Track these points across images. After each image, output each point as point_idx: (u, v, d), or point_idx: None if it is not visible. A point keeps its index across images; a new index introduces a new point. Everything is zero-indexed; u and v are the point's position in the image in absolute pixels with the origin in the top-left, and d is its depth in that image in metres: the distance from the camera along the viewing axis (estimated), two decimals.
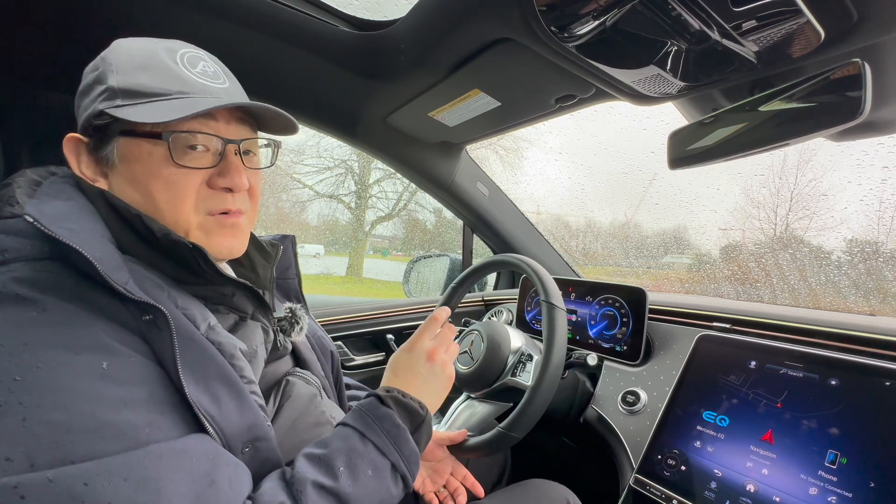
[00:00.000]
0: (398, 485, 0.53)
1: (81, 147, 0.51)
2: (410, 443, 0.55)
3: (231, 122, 0.53)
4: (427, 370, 0.64)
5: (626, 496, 0.77)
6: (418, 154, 1.33)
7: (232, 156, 0.52)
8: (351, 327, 1.36)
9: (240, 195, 0.54)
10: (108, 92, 0.48)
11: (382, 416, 0.54)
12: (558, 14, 0.65)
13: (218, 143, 0.51)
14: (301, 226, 6.55)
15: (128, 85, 0.48)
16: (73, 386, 0.37)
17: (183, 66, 0.51)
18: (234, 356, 0.50)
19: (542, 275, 0.86)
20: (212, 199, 0.52)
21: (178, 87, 0.49)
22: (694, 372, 0.82)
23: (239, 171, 0.53)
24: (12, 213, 0.46)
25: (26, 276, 0.41)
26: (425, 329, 0.69)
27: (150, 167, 0.49)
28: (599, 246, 3.51)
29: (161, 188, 0.49)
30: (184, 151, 0.49)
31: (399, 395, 0.58)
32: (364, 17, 0.94)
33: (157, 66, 0.50)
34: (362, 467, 0.50)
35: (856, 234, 1.65)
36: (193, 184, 0.50)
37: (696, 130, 0.80)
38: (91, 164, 0.51)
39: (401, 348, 0.68)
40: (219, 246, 0.53)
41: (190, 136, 0.49)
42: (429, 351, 0.66)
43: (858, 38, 0.59)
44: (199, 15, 0.86)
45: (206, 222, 0.52)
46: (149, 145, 0.49)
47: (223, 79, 0.54)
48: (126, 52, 0.50)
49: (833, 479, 0.60)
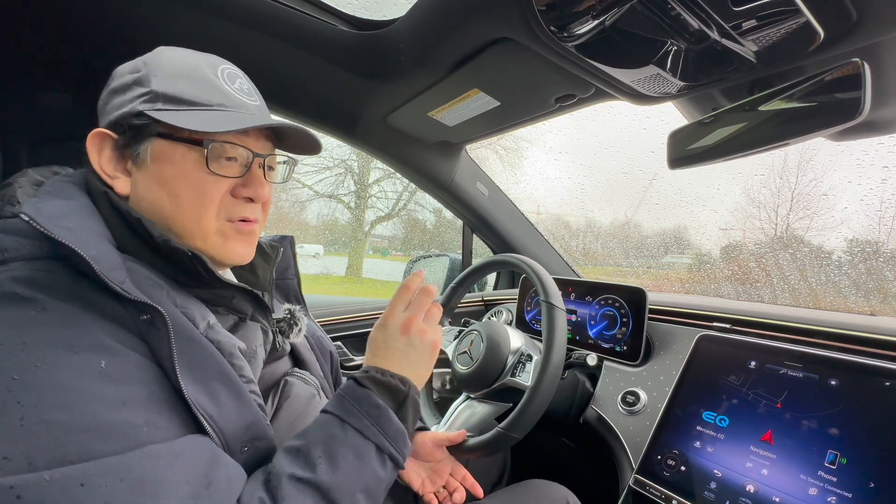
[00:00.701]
0: (386, 466, 0.51)
1: (107, 143, 0.52)
2: (394, 421, 0.53)
3: (260, 138, 0.56)
4: (404, 343, 0.60)
5: (626, 496, 0.77)
6: (418, 154, 1.33)
7: (256, 169, 0.55)
8: (351, 327, 1.36)
9: (257, 206, 0.57)
10: (150, 94, 0.50)
11: (361, 398, 0.53)
12: (558, 14, 0.65)
13: (247, 156, 0.54)
14: (300, 225, 6.55)
15: (171, 91, 0.50)
16: (71, 385, 0.37)
17: (223, 81, 0.54)
18: (234, 355, 0.50)
19: (542, 275, 0.86)
20: (233, 207, 0.54)
21: (218, 99, 0.52)
22: (694, 372, 0.82)
23: (262, 184, 0.55)
24: (12, 212, 0.47)
25: (25, 275, 0.41)
26: (396, 301, 0.64)
27: (182, 170, 0.51)
28: (599, 246, 3.51)
29: (189, 190, 0.51)
30: (217, 160, 0.52)
31: (377, 374, 0.56)
32: (363, 17, 0.94)
33: (199, 77, 0.52)
34: (342, 453, 0.49)
35: (856, 234, 1.65)
36: (220, 191, 0.52)
37: (695, 130, 0.80)
38: (113, 160, 0.52)
39: (375, 325, 0.64)
40: (233, 252, 0.55)
41: (227, 147, 0.52)
42: (403, 323, 0.61)
43: (858, 38, 0.59)
44: (199, 15, 0.86)
45: (225, 228, 0.54)
46: (184, 149, 0.50)
47: (255, 97, 0.58)
48: (170, 59, 0.52)
49: (833, 479, 0.60)
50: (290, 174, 0.63)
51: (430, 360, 0.62)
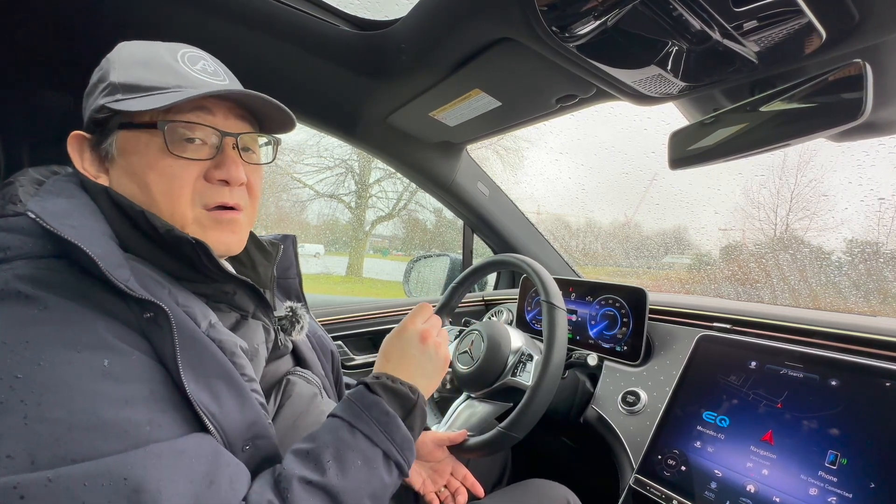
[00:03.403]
0: (392, 473, 0.52)
1: (84, 144, 0.52)
2: (402, 429, 0.53)
3: (229, 117, 0.54)
4: (420, 352, 0.62)
5: (626, 496, 0.77)
6: (419, 154, 1.33)
7: (229, 149, 0.53)
8: (351, 327, 1.36)
9: (237, 190, 0.54)
10: (109, 87, 0.49)
11: (371, 404, 0.53)
12: (559, 14, 0.65)
13: (215, 137, 0.52)
14: (301, 225, 6.56)
15: (127, 80, 0.49)
16: (74, 384, 0.37)
17: (182, 64, 0.52)
18: (235, 354, 0.50)
19: (543, 275, 0.86)
20: (208, 193, 0.52)
21: (176, 81, 0.50)
22: (694, 372, 0.82)
23: (236, 164, 0.53)
24: (15, 211, 0.47)
25: (28, 273, 0.41)
26: (416, 314, 0.67)
27: (146, 158, 0.50)
28: (600, 246, 3.51)
29: (157, 179, 0.49)
30: (180, 143, 0.50)
31: (388, 381, 0.56)
32: (365, 17, 0.94)
33: (156, 62, 0.51)
34: (351, 459, 0.49)
35: (856, 235, 1.65)
36: (190, 176, 0.51)
37: (696, 131, 0.80)
38: (93, 161, 0.52)
39: (391, 333, 0.66)
40: (215, 242, 0.53)
41: (186, 128, 0.50)
42: (421, 332, 0.64)
43: (860, 39, 0.59)
44: (199, 14, 0.86)
45: (202, 217, 0.52)
46: (146, 136, 0.49)
47: (223, 76, 0.55)
48: (128, 50, 0.52)
49: (833, 479, 0.60)
50: (274, 154, 0.61)
51: (441, 374, 0.64)
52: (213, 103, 0.52)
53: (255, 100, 0.53)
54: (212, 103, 0.52)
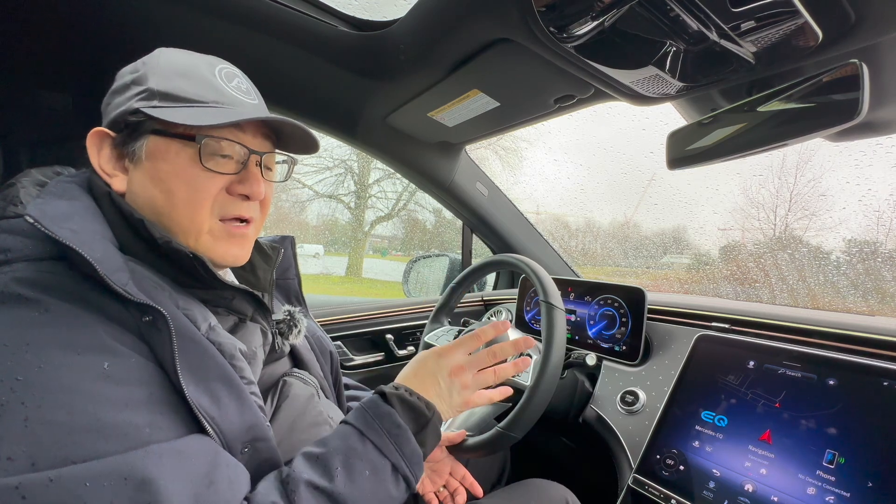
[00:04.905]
0: (399, 486, 0.52)
1: (106, 141, 0.52)
2: (412, 443, 0.53)
3: (258, 136, 0.56)
4: (447, 384, 0.61)
5: (625, 496, 0.77)
6: (418, 154, 1.33)
7: (253, 166, 0.55)
8: (350, 327, 1.36)
9: (254, 204, 0.56)
10: (146, 92, 0.50)
11: (383, 415, 0.53)
12: (557, 14, 0.65)
13: (243, 153, 0.54)
14: (300, 225, 6.55)
15: (167, 88, 0.50)
16: (74, 386, 0.37)
17: (220, 80, 0.54)
18: (235, 357, 0.50)
19: (541, 275, 0.86)
20: (228, 205, 0.54)
21: (214, 96, 0.52)
22: (693, 372, 0.82)
23: (258, 181, 0.55)
24: (16, 212, 0.47)
25: (28, 276, 0.41)
26: (465, 343, 0.65)
27: (176, 166, 0.51)
28: (598, 246, 3.51)
29: (183, 188, 0.51)
30: (212, 156, 0.52)
31: (405, 394, 0.56)
32: (363, 18, 0.94)
33: (195, 75, 0.52)
34: (360, 467, 0.49)
35: (855, 235, 1.65)
36: (214, 187, 0.52)
37: (694, 131, 0.80)
38: (112, 159, 0.53)
39: (433, 350, 0.65)
40: (224, 253, 0.55)
41: (220, 143, 0.52)
42: (457, 365, 0.62)
43: (856, 39, 0.59)
44: (199, 15, 0.86)
45: (216, 228, 0.54)
46: (178, 146, 0.50)
47: (254, 96, 0.58)
48: (167, 59, 0.53)
49: (831, 478, 0.60)
50: (289, 173, 0.63)
51: (454, 413, 0.62)
52: (247, 122, 0.54)
53: (293, 127, 0.55)
54: (245, 122, 0.53)
